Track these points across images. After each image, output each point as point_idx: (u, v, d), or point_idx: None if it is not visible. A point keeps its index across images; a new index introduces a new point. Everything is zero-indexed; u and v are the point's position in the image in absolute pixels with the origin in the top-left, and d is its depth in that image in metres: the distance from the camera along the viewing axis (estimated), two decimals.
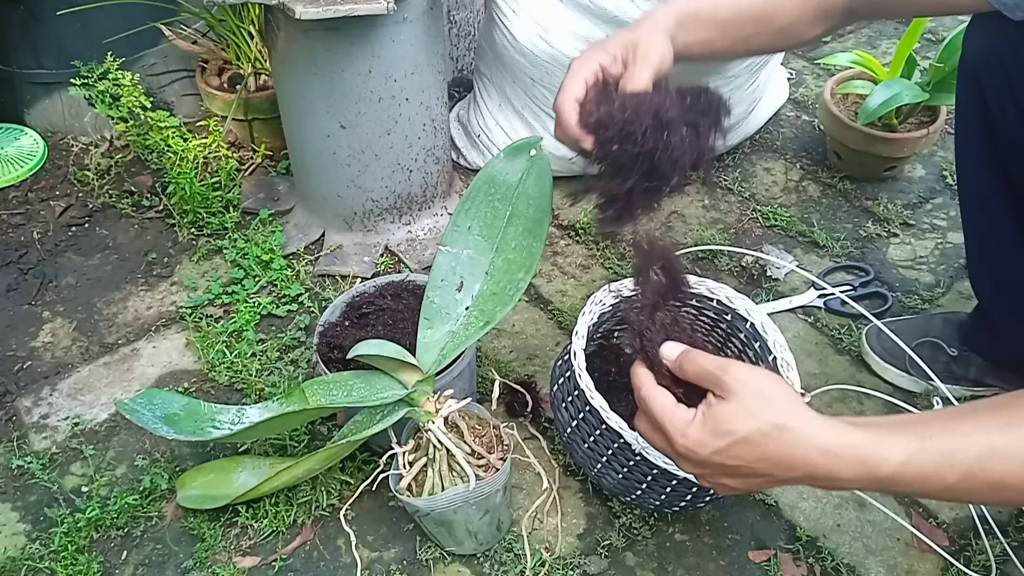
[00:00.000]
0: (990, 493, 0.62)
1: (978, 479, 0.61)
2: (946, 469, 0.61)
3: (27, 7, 1.42)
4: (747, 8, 0.81)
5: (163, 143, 1.35)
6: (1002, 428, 0.62)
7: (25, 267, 1.34)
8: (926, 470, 0.62)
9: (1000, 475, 0.61)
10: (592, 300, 0.92)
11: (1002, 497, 0.64)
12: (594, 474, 0.92)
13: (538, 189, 0.95)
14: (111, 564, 0.95)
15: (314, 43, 1.13)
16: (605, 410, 0.82)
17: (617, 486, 0.90)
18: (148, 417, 0.95)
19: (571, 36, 1.24)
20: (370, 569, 0.94)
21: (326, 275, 1.31)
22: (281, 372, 1.15)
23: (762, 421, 0.61)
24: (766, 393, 0.62)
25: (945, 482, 0.62)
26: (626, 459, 0.85)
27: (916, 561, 0.94)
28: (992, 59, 0.83)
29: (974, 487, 0.62)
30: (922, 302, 1.25)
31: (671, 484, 0.85)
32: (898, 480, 0.61)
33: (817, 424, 0.61)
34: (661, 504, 0.90)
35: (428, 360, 0.91)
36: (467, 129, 1.48)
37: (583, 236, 1.37)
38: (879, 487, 0.63)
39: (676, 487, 0.85)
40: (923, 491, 0.63)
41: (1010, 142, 0.85)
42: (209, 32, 1.53)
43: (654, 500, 0.89)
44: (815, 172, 1.50)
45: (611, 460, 0.87)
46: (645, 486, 0.87)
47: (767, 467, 0.62)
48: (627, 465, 0.86)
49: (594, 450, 0.89)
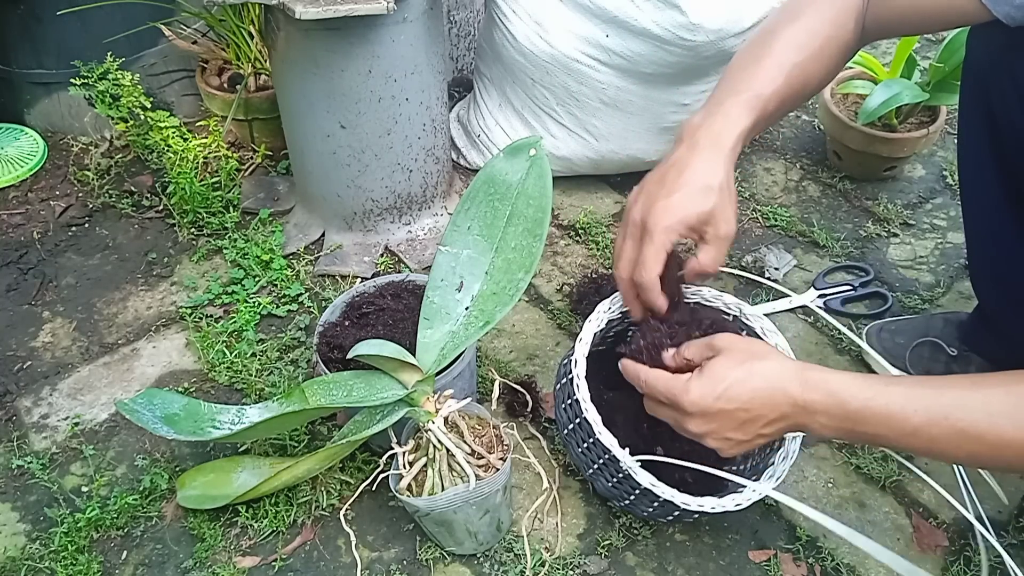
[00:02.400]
0: (955, 443, 0.67)
1: (942, 426, 0.67)
2: (911, 412, 0.68)
3: (27, 7, 1.42)
4: (789, 93, 0.82)
5: (163, 143, 1.35)
6: (972, 386, 0.68)
7: (25, 267, 1.34)
8: (892, 408, 0.68)
9: (965, 425, 0.66)
10: (599, 308, 0.92)
11: (968, 451, 0.68)
12: (588, 476, 0.92)
13: (538, 189, 0.95)
14: (111, 564, 0.95)
15: (314, 43, 1.13)
16: (597, 424, 0.83)
17: (608, 492, 0.91)
18: (148, 417, 0.95)
19: (571, 36, 1.24)
20: (370, 569, 0.94)
21: (326, 275, 1.31)
22: (281, 372, 1.15)
23: (747, 360, 0.73)
24: (751, 345, 0.76)
25: (911, 423, 0.68)
26: (613, 473, 0.86)
27: (916, 561, 0.94)
28: (999, 64, 0.83)
29: (939, 434, 0.67)
30: (922, 302, 1.25)
31: (657, 501, 0.84)
32: (865, 416, 0.69)
33: (795, 363, 0.73)
34: (650, 515, 0.90)
35: (428, 360, 0.91)
36: (467, 129, 1.48)
37: (583, 236, 1.38)
38: (849, 426, 0.70)
39: (663, 504, 0.84)
40: (890, 433, 0.70)
41: (1016, 147, 0.85)
42: (209, 32, 1.53)
43: (644, 510, 0.89)
44: (815, 172, 1.50)
45: (601, 469, 0.88)
46: (633, 497, 0.87)
47: (758, 405, 0.71)
48: (616, 476, 0.86)
49: (587, 456, 0.89)
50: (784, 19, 0.85)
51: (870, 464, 1.03)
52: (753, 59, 0.82)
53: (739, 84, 0.81)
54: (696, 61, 1.24)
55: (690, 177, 0.77)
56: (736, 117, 0.78)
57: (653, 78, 1.27)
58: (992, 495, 0.98)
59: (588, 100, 1.31)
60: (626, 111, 1.32)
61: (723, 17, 1.19)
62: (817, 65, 0.83)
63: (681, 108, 1.33)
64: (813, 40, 0.82)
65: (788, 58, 0.81)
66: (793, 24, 0.83)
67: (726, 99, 0.80)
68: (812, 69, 0.83)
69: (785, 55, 0.81)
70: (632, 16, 1.19)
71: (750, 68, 0.81)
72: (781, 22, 0.84)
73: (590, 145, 1.37)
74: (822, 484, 1.02)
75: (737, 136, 0.78)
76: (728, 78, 0.83)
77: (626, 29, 1.21)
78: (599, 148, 1.38)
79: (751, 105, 0.79)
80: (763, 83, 0.80)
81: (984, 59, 0.86)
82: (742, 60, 0.84)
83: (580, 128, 1.35)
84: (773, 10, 1.20)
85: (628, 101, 1.31)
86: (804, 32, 0.82)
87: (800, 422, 0.72)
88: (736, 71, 0.83)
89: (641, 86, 1.29)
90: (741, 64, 0.84)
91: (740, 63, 0.84)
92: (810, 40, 0.82)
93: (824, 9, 0.84)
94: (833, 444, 1.06)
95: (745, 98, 0.79)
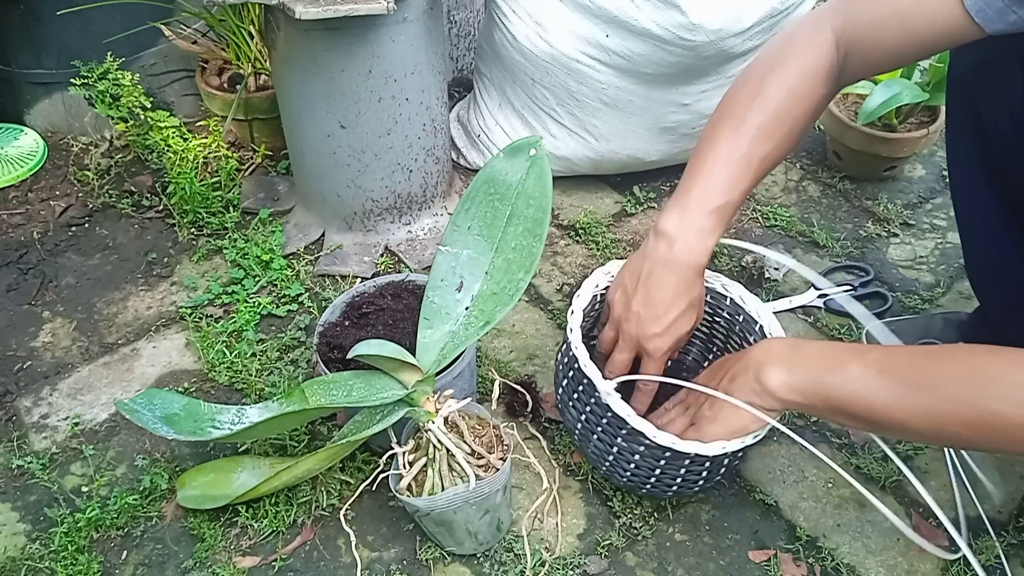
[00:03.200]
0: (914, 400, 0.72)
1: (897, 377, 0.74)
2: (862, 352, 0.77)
3: (27, 7, 1.42)
4: (755, 182, 0.86)
5: (163, 143, 1.35)
6: (930, 354, 0.75)
7: (25, 267, 1.34)
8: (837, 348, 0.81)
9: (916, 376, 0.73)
10: (586, 284, 0.94)
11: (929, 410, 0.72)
12: (605, 469, 0.93)
13: (538, 189, 0.95)
14: (111, 564, 0.95)
15: (314, 43, 1.13)
16: (589, 366, 0.86)
17: (631, 480, 0.91)
18: (148, 417, 0.95)
19: (571, 36, 1.24)
20: (370, 569, 0.94)
21: (326, 275, 1.31)
22: (281, 372, 1.15)
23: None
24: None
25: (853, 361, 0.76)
26: (637, 445, 0.86)
27: (916, 561, 0.94)
28: (983, 70, 0.83)
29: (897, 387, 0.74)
30: (922, 302, 1.25)
31: (684, 464, 0.85)
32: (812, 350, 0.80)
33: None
34: (678, 489, 0.90)
35: (428, 360, 0.91)
36: (467, 129, 1.48)
37: (583, 236, 1.38)
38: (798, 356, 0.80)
39: (690, 467, 0.86)
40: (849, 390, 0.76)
41: (1004, 151, 0.85)
42: (209, 32, 1.53)
43: (667, 487, 0.89)
44: (815, 172, 1.50)
45: (622, 452, 0.88)
46: (659, 472, 0.87)
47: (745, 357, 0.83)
48: (638, 452, 0.87)
49: (589, 423, 0.90)
50: (752, 99, 0.84)
51: (870, 464, 1.03)
52: (723, 153, 0.84)
53: (708, 188, 0.84)
54: (696, 61, 1.24)
55: (675, 300, 0.85)
56: (709, 231, 0.84)
57: (653, 78, 1.27)
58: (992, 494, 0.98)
59: (588, 100, 1.31)
60: (626, 111, 1.32)
61: (723, 17, 1.19)
62: (785, 147, 0.85)
63: (681, 108, 1.33)
64: (781, 126, 0.83)
65: (757, 153, 0.83)
66: (762, 111, 0.83)
67: (697, 209, 0.84)
68: (779, 153, 0.85)
69: (754, 150, 0.83)
70: (632, 16, 1.19)
71: (720, 166, 0.84)
72: (749, 102, 0.84)
73: (590, 145, 1.37)
74: (822, 484, 1.02)
75: (709, 252, 0.85)
76: (700, 172, 0.85)
77: (626, 29, 1.21)
78: (599, 148, 1.38)
79: (722, 215, 0.84)
80: (732, 186, 0.84)
81: (969, 66, 0.86)
82: (712, 149, 0.85)
83: (580, 128, 1.35)
84: (768, 17, 1.21)
85: (628, 101, 1.30)
86: (773, 119, 0.83)
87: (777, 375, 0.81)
88: (707, 165, 0.84)
89: (641, 86, 1.29)
90: (712, 157, 0.84)
91: (710, 153, 0.85)
92: (778, 127, 0.83)
93: (793, 82, 0.83)
94: (833, 444, 1.06)
95: (715, 208, 0.83)
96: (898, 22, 0.78)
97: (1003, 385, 0.68)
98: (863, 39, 0.82)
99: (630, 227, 1.40)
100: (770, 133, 0.83)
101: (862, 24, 0.81)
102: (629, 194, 1.45)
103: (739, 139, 0.83)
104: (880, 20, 0.80)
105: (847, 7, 0.83)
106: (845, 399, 0.76)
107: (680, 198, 0.85)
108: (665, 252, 0.84)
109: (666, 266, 0.84)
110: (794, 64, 0.83)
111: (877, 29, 0.80)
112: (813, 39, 0.83)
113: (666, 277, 0.84)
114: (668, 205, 0.86)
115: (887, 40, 0.80)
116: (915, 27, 0.77)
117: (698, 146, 0.87)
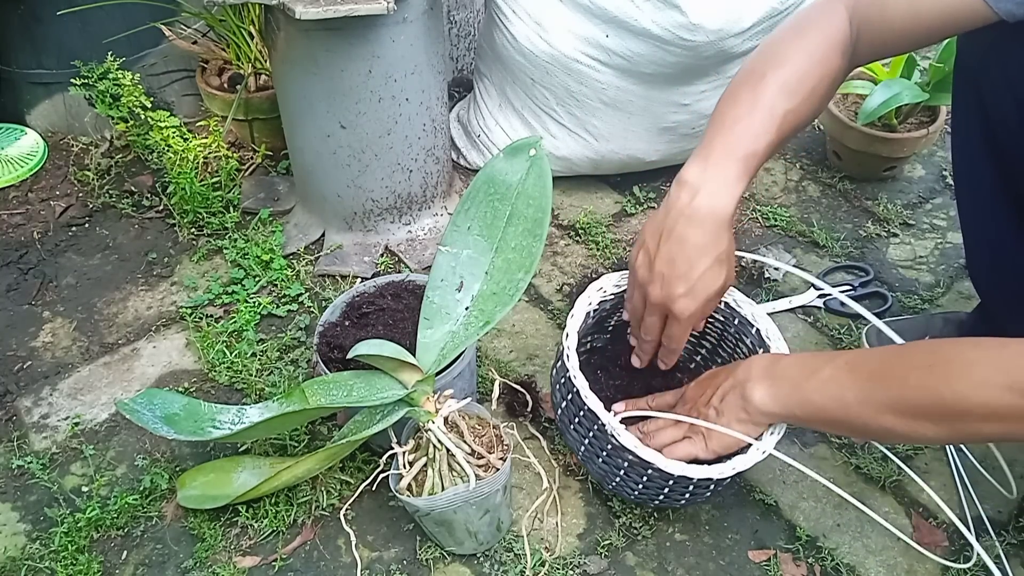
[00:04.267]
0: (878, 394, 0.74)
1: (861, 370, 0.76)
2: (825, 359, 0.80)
3: (27, 7, 1.42)
4: (781, 140, 0.83)
5: (163, 143, 1.35)
6: (897, 349, 0.78)
7: (25, 267, 1.34)
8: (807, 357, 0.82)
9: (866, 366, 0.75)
10: (579, 303, 0.94)
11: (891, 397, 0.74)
12: (581, 456, 0.94)
13: (538, 189, 0.95)
14: (111, 564, 0.95)
15: (314, 43, 1.13)
16: (579, 378, 0.86)
17: (640, 496, 0.91)
18: (148, 417, 0.95)
19: (571, 36, 1.24)
20: (370, 569, 0.94)
21: (326, 275, 1.31)
22: (281, 372, 1.15)
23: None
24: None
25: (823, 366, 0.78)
26: (603, 445, 0.87)
27: (916, 561, 0.94)
28: (989, 59, 0.83)
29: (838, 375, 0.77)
30: (922, 302, 1.25)
31: (668, 483, 0.85)
32: (788, 362, 0.82)
33: None
34: (690, 498, 0.90)
35: (428, 360, 0.91)
36: (467, 129, 1.48)
37: (583, 236, 1.38)
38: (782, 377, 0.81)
39: (698, 483, 0.85)
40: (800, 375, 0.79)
41: (1010, 141, 0.85)
42: (209, 32, 1.53)
43: (639, 486, 0.89)
44: (815, 172, 1.50)
45: (593, 444, 0.89)
46: (667, 489, 0.87)
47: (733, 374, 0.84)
48: (623, 467, 0.86)
49: (579, 432, 0.91)
50: (772, 60, 0.84)
51: (870, 464, 1.03)
52: (745, 107, 0.82)
53: (732, 137, 0.81)
54: (696, 61, 1.24)
55: (701, 256, 0.81)
56: (734, 180, 0.80)
57: (653, 78, 1.27)
58: (992, 494, 0.98)
59: (588, 100, 1.31)
60: (626, 111, 1.32)
61: (723, 17, 1.19)
62: (807, 107, 0.83)
63: (681, 108, 1.33)
64: (803, 84, 0.82)
65: (780, 106, 0.81)
66: (782, 68, 0.82)
67: (722, 157, 0.81)
68: (803, 112, 0.83)
69: (777, 102, 0.81)
70: (632, 16, 1.19)
71: (743, 119, 0.81)
72: (769, 63, 0.83)
73: (590, 145, 1.37)
74: (822, 484, 1.02)
75: (735, 203, 0.81)
76: (721, 125, 0.83)
77: (626, 29, 1.21)
78: (599, 148, 1.38)
79: (747, 165, 0.81)
80: (757, 137, 0.81)
81: (975, 55, 0.86)
82: (734, 106, 0.83)
83: (580, 128, 1.36)
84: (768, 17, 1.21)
85: (628, 101, 1.31)
86: (794, 76, 0.82)
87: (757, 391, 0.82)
88: (729, 119, 0.82)
89: (641, 86, 1.29)
90: (733, 112, 0.82)
91: (732, 109, 0.83)
92: (800, 84, 0.82)
93: (812, 48, 0.83)
94: (833, 444, 1.06)
95: (741, 156, 0.80)
96: (907, 2, 0.79)
97: (961, 364, 0.69)
98: (873, 18, 0.82)
99: (630, 227, 1.40)
100: (793, 89, 0.81)
101: (873, 2, 0.81)
102: (629, 194, 1.45)
103: (762, 93, 0.81)
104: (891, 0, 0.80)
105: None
106: (823, 403, 0.77)
107: (703, 149, 0.82)
108: (688, 203, 0.80)
109: (689, 219, 0.80)
110: (812, 32, 0.83)
111: (887, 9, 0.81)
112: (828, 14, 0.83)
113: (690, 230, 0.80)
114: (691, 158, 0.83)
115: (896, 20, 0.80)
116: (923, 8, 0.78)
117: (719, 105, 0.84)
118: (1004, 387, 0.66)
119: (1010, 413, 0.66)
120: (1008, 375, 0.66)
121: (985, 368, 0.68)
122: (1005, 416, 0.66)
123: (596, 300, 0.96)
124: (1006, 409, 0.66)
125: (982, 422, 0.68)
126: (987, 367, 0.68)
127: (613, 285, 0.97)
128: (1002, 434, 0.69)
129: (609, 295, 0.97)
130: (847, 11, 0.83)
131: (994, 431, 0.69)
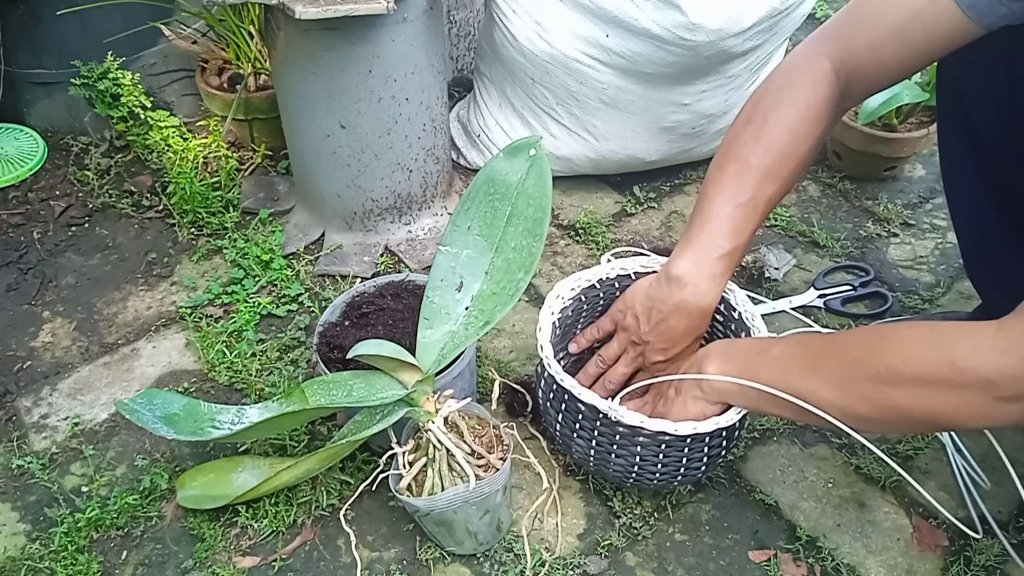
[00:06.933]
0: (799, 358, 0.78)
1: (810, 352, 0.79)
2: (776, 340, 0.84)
3: (27, 7, 1.42)
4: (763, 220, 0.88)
5: (163, 143, 1.35)
6: (843, 331, 0.83)
7: (25, 267, 1.34)
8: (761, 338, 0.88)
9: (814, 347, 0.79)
10: (550, 297, 0.97)
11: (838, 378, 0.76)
12: (573, 448, 0.95)
13: (538, 189, 0.95)
14: (111, 564, 0.95)
15: (314, 43, 1.13)
16: (553, 364, 0.90)
17: (616, 471, 0.92)
18: (148, 417, 0.95)
19: (571, 36, 1.24)
20: (370, 569, 0.94)
21: (326, 275, 1.31)
22: (281, 372, 1.15)
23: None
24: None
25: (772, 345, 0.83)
26: (612, 432, 0.89)
27: (916, 561, 0.94)
28: (971, 67, 0.83)
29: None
30: (922, 302, 1.25)
31: (660, 448, 0.87)
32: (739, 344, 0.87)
33: None
34: (661, 478, 0.92)
35: (428, 360, 0.91)
36: (467, 129, 1.48)
37: (583, 236, 1.38)
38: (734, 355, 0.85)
39: (666, 451, 0.88)
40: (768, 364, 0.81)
41: (994, 147, 0.85)
42: (209, 32, 1.53)
43: (649, 477, 0.91)
44: (815, 172, 1.50)
45: (583, 428, 0.91)
46: (638, 463, 0.89)
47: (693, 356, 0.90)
48: (613, 440, 0.89)
49: (566, 421, 0.93)
50: (759, 141, 0.84)
51: (870, 464, 1.03)
52: (730, 198, 0.85)
53: (718, 235, 0.86)
54: (696, 61, 1.24)
55: (684, 337, 0.92)
56: (720, 275, 0.88)
57: (653, 78, 1.27)
58: (992, 494, 0.98)
59: (588, 100, 1.31)
60: (626, 111, 1.32)
61: (723, 17, 1.19)
62: (789, 184, 0.87)
63: (681, 108, 1.33)
64: (787, 166, 0.85)
65: (763, 193, 0.85)
66: (768, 154, 0.84)
67: (707, 254, 0.87)
68: (785, 189, 0.88)
69: (760, 192, 0.85)
70: (632, 16, 1.19)
71: (727, 210, 0.85)
72: (752, 145, 0.85)
73: (590, 145, 1.37)
74: (822, 484, 1.02)
75: (719, 295, 0.90)
76: (708, 217, 0.86)
77: (626, 29, 1.21)
78: (599, 148, 1.38)
79: (732, 260, 0.88)
80: (739, 230, 0.86)
81: (957, 63, 0.86)
82: (719, 193, 0.86)
83: (580, 128, 1.35)
84: (768, 17, 1.21)
85: (628, 101, 1.31)
86: (779, 159, 0.84)
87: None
88: (715, 209, 0.86)
89: (641, 86, 1.29)
90: (719, 201, 0.86)
91: (718, 197, 0.86)
92: (784, 166, 0.85)
93: (796, 123, 0.84)
94: (833, 444, 1.06)
95: (727, 252, 0.86)
96: (898, 40, 0.78)
97: (896, 340, 0.72)
98: (864, 64, 0.82)
99: (630, 227, 1.40)
100: (776, 174, 0.85)
101: (861, 50, 0.81)
102: (629, 194, 1.45)
103: (745, 183, 0.85)
104: (879, 43, 0.80)
105: (842, 35, 0.83)
106: (769, 379, 0.79)
107: (690, 243, 0.88)
108: (678, 297, 0.88)
109: (679, 311, 0.89)
110: (795, 103, 0.84)
111: (877, 52, 0.81)
112: (812, 74, 0.84)
113: (679, 320, 0.90)
114: (678, 248, 0.89)
115: (890, 60, 0.81)
116: (916, 41, 0.78)
117: (704, 188, 0.88)
118: (933, 360, 0.68)
119: (939, 384, 0.68)
120: (937, 349, 0.68)
121: (917, 344, 0.70)
122: (935, 386, 0.68)
123: (558, 308, 0.98)
124: (936, 381, 0.68)
125: (912, 399, 0.70)
126: (919, 343, 0.70)
127: (569, 290, 1.00)
128: (931, 410, 0.70)
129: (568, 300, 1.00)
130: (831, 64, 0.83)
131: (924, 409, 0.70)
